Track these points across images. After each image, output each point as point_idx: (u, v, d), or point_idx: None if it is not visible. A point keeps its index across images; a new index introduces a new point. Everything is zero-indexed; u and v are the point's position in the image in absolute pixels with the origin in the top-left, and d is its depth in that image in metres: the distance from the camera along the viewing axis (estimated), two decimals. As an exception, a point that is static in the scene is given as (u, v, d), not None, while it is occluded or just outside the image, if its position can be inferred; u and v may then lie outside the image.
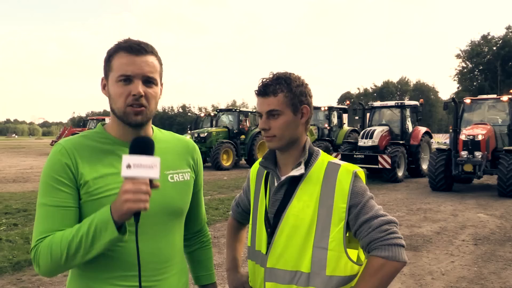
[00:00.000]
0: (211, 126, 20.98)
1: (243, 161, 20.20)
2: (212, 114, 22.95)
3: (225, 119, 20.22)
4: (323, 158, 1.49)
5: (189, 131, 20.66)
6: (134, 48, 1.28)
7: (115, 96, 1.29)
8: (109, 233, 1.16)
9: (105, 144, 1.34)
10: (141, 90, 1.27)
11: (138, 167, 1.14)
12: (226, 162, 17.64)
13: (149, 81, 1.30)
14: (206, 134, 17.97)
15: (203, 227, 1.70)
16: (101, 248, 1.19)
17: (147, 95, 1.29)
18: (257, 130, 19.12)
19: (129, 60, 1.27)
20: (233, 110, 20.27)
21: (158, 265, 1.35)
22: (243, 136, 19.17)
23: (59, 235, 1.21)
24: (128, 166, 1.13)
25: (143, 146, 1.19)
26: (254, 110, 20.70)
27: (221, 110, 21.00)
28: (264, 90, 1.44)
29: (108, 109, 1.40)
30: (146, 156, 1.16)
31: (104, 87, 1.35)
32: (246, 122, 19.32)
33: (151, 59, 1.31)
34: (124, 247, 1.28)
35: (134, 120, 1.29)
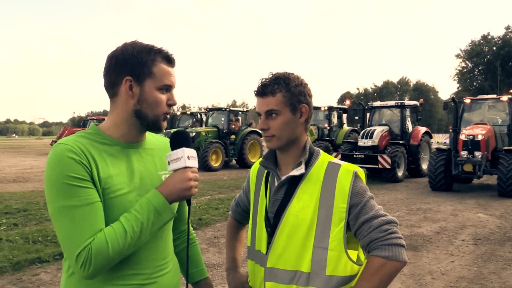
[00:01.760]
0: (193, 124, 20.41)
1: (233, 162, 19.54)
2: (188, 112, 22.31)
3: (213, 119, 19.56)
4: (324, 158, 1.49)
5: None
6: (172, 60, 1.38)
7: (155, 103, 1.34)
8: (166, 215, 1.30)
9: (104, 145, 1.33)
10: (176, 101, 1.41)
11: (193, 158, 1.34)
12: (215, 162, 17.12)
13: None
14: (194, 134, 17.34)
15: (188, 226, 1.71)
16: (157, 231, 1.31)
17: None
18: (248, 130, 18.76)
19: (170, 71, 1.37)
20: (223, 109, 19.45)
21: (157, 262, 1.39)
22: (233, 136, 18.46)
23: (110, 230, 1.22)
24: (188, 157, 1.32)
25: (189, 140, 1.38)
26: (245, 110, 20.22)
27: (211, 110, 20.33)
28: (263, 90, 1.45)
29: (109, 109, 1.40)
30: (193, 150, 1.36)
31: (130, 88, 1.33)
32: (237, 122, 18.75)
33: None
34: None
35: (163, 126, 1.40)
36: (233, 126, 18.55)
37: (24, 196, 9.72)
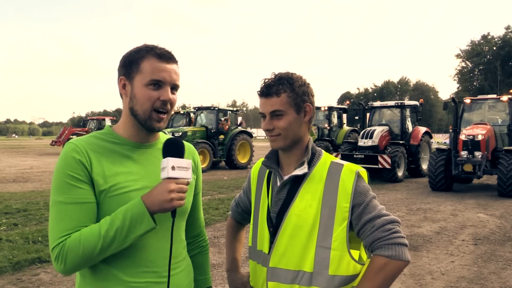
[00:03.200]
0: (187, 124, 19.84)
1: (223, 164, 18.67)
2: (181, 112, 21.83)
3: (203, 117, 18.88)
4: (326, 158, 1.50)
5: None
6: (165, 56, 1.35)
7: (142, 99, 1.33)
8: (144, 225, 1.25)
9: (114, 144, 1.37)
10: (171, 97, 1.35)
11: (180, 169, 1.28)
12: (202, 163, 16.23)
13: (174, 88, 1.38)
14: (181, 133, 16.77)
15: (202, 230, 1.72)
16: (134, 240, 1.26)
17: (172, 101, 1.37)
18: (238, 130, 18.25)
19: (161, 66, 1.33)
20: (212, 108, 18.69)
21: (171, 261, 1.39)
22: (222, 136, 17.83)
23: (87, 230, 1.24)
24: (173, 168, 1.26)
25: (179, 149, 1.34)
26: (235, 109, 19.64)
27: (199, 109, 19.40)
28: (267, 90, 1.45)
29: (109, 109, 1.42)
30: (184, 159, 1.31)
31: (123, 86, 1.37)
32: (226, 122, 18.10)
33: (176, 67, 1.39)
34: (136, 244, 1.31)
35: (157, 127, 1.37)
36: (224, 126, 17.94)
37: (24, 196, 9.72)
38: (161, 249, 1.37)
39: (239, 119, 19.25)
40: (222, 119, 18.27)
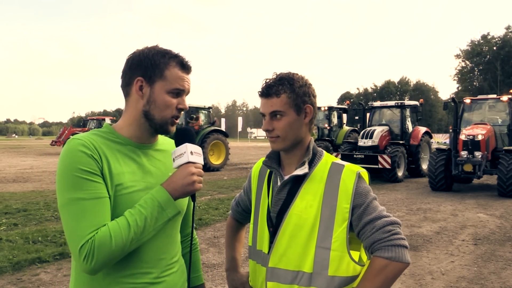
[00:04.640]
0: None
1: None
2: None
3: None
4: (327, 159, 1.49)
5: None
6: (187, 66, 1.41)
7: (163, 105, 1.36)
8: (170, 211, 1.30)
9: (117, 144, 1.36)
10: (187, 105, 1.43)
11: (196, 154, 1.35)
12: None
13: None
14: None
15: (192, 230, 1.73)
16: (160, 227, 1.31)
17: (186, 109, 1.45)
18: (210, 129, 17.06)
19: (183, 76, 1.39)
20: None
21: (166, 262, 1.41)
22: None
23: (114, 223, 1.22)
24: (191, 153, 1.33)
25: (193, 137, 1.40)
26: (206, 107, 18.34)
27: None
28: (267, 91, 1.45)
29: (109, 109, 1.41)
30: (198, 146, 1.37)
31: (140, 88, 1.36)
32: (196, 120, 17.13)
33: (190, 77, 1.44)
34: None
35: (170, 130, 1.41)
36: (194, 125, 16.96)
37: (24, 196, 9.72)
38: (158, 249, 1.37)
39: (240, 119, 18.94)
40: (193, 117, 17.19)
